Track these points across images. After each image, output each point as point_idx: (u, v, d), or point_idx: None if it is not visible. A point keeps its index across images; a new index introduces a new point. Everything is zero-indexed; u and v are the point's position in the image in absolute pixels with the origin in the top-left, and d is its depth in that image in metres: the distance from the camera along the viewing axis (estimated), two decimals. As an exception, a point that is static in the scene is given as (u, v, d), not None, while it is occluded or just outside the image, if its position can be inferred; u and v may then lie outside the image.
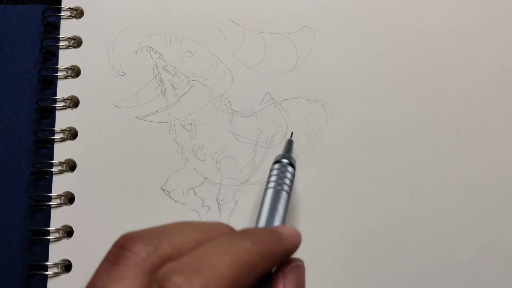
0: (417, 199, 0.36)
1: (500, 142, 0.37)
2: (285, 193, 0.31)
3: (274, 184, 0.31)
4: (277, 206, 0.30)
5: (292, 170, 0.32)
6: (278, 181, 0.31)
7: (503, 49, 0.38)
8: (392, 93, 0.38)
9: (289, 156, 0.33)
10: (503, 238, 0.35)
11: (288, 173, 0.32)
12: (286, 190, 0.31)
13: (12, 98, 0.39)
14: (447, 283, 0.35)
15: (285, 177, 0.31)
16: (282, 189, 0.31)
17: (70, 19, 0.39)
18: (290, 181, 0.32)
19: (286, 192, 0.31)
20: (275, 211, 0.29)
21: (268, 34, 0.39)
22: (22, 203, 0.38)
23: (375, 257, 0.35)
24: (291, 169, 0.32)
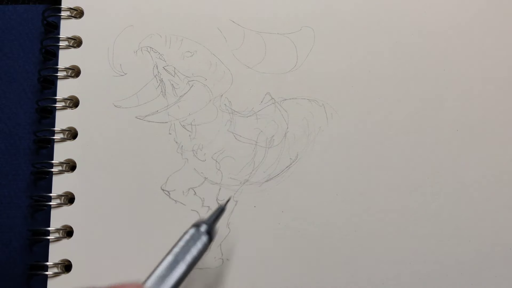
0: (417, 199, 0.36)
1: (500, 142, 0.37)
2: (183, 265, 0.28)
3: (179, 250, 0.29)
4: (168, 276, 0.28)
5: (205, 241, 0.30)
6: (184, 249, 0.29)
7: (503, 49, 0.38)
8: (392, 93, 0.38)
9: (212, 225, 0.31)
10: (503, 238, 0.35)
11: (200, 243, 0.29)
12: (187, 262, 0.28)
13: (12, 98, 0.39)
14: (447, 283, 0.35)
15: (194, 246, 0.29)
16: (181, 260, 0.28)
17: (70, 19, 0.39)
18: (198, 252, 0.29)
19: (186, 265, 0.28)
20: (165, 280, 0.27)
21: (268, 34, 0.39)
22: (22, 203, 0.38)
23: (375, 257, 0.35)
24: (205, 240, 0.30)
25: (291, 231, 0.36)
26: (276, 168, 0.37)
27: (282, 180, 0.37)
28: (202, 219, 0.31)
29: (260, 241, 0.36)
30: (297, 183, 0.36)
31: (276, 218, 0.36)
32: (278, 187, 0.36)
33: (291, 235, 0.36)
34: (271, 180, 0.37)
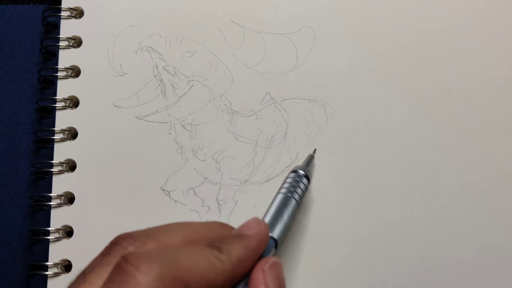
0: (417, 199, 0.36)
1: (500, 142, 0.37)
2: (294, 201, 0.31)
3: (286, 190, 0.32)
4: (282, 212, 0.30)
5: (306, 182, 0.33)
6: (290, 189, 0.32)
7: (503, 49, 0.38)
8: (392, 93, 0.38)
9: (307, 169, 0.33)
10: (503, 238, 0.35)
11: (302, 184, 0.32)
12: (296, 198, 0.31)
13: (12, 98, 0.39)
14: (447, 283, 0.35)
15: (298, 187, 0.32)
16: (292, 197, 0.31)
17: (70, 19, 0.39)
18: (302, 191, 0.32)
19: (296, 201, 0.31)
20: (280, 216, 0.30)
21: (268, 34, 0.39)
22: (22, 203, 0.38)
23: (375, 257, 0.35)
24: (306, 181, 0.33)
25: (291, 231, 0.36)
26: (276, 168, 0.37)
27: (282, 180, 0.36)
28: (297, 166, 0.34)
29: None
30: (297, 183, 0.36)
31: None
32: (278, 187, 0.36)
33: (291, 235, 0.36)
34: (271, 180, 0.37)
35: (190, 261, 0.21)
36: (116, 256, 0.22)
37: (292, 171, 0.33)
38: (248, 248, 0.24)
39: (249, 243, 0.25)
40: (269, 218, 0.30)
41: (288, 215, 0.30)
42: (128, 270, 0.20)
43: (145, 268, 0.20)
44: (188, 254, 0.22)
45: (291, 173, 0.33)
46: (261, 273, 0.24)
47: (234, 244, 0.24)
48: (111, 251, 0.23)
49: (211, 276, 0.22)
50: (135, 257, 0.20)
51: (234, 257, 0.23)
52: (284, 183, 0.32)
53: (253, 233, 0.25)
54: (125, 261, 0.20)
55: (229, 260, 0.23)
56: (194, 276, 0.21)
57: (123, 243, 0.23)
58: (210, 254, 0.22)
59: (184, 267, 0.21)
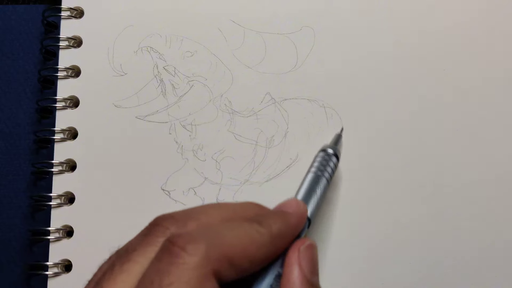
0: (418, 199, 0.36)
1: (500, 142, 0.37)
2: (325, 179, 0.31)
3: (316, 169, 0.32)
4: (315, 189, 0.30)
5: (335, 161, 0.33)
6: (320, 168, 0.32)
7: (504, 49, 0.38)
8: (392, 93, 0.38)
9: (336, 148, 0.34)
10: (503, 238, 0.35)
11: (332, 163, 0.32)
12: (326, 177, 0.31)
13: (12, 98, 0.39)
14: (447, 283, 0.35)
15: (328, 166, 0.32)
16: (322, 176, 0.31)
17: (70, 19, 0.39)
18: (332, 170, 0.32)
19: (326, 179, 0.31)
20: (313, 194, 0.30)
21: (268, 34, 0.39)
22: (22, 203, 0.38)
23: (375, 257, 0.35)
24: (335, 160, 0.33)
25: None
26: (276, 168, 0.37)
27: (283, 180, 0.37)
28: (326, 144, 0.34)
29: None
30: (297, 183, 0.36)
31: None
32: (278, 187, 0.36)
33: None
34: (271, 180, 0.37)
35: (232, 237, 0.22)
36: (159, 237, 0.22)
37: (321, 150, 0.33)
38: (287, 224, 0.25)
39: (289, 220, 0.25)
40: (301, 197, 0.30)
41: (319, 195, 0.30)
42: (175, 251, 0.20)
43: (191, 248, 0.20)
44: (229, 231, 0.22)
45: (320, 152, 0.33)
46: (296, 252, 0.24)
47: (274, 218, 0.24)
48: (153, 231, 0.23)
49: (252, 250, 0.22)
50: (181, 238, 0.21)
51: (274, 231, 0.23)
52: (314, 162, 0.32)
53: (292, 210, 0.26)
54: (171, 243, 0.21)
55: (269, 233, 0.23)
56: (237, 251, 0.21)
57: (164, 223, 0.23)
58: (250, 228, 0.23)
59: (227, 243, 0.21)
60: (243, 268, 0.22)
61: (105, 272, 0.22)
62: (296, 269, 0.24)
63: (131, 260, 0.22)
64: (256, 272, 0.23)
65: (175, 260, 0.20)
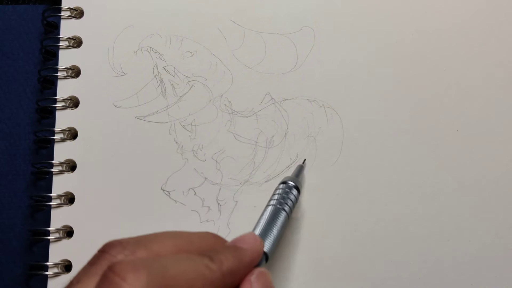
0: (417, 199, 0.36)
1: (500, 142, 0.37)
2: (284, 213, 0.31)
3: (276, 202, 0.31)
4: (274, 223, 0.30)
5: (296, 194, 0.32)
6: (279, 200, 0.31)
7: (503, 49, 0.38)
8: (392, 93, 0.38)
9: (297, 180, 0.33)
10: (503, 238, 0.35)
11: (292, 196, 0.32)
12: (286, 210, 0.31)
13: (12, 98, 0.39)
14: (447, 283, 0.35)
15: (288, 198, 0.31)
16: (282, 209, 0.31)
17: (70, 19, 0.39)
18: (292, 203, 0.32)
19: (286, 213, 0.31)
20: (272, 228, 0.29)
21: (268, 34, 0.39)
22: (22, 203, 0.38)
23: (375, 257, 0.35)
24: (296, 193, 0.32)
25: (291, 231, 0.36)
26: (276, 168, 0.37)
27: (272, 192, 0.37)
28: (286, 177, 0.33)
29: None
30: (297, 183, 0.36)
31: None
32: (278, 187, 0.36)
33: (291, 235, 0.36)
34: (271, 180, 0.37)
35: (178, 270, 0.21)
36: (104, 266, 0.21)
37: (282, 182, 0.33)
38: (241, 261, 0.24)
39: (243, 256, 0.24)
40: (259, 231, 0.29)
41: (278, 229, 0.30)
42: (114, 281, 0.19)
43: (131, 278, 0.19)
44: (176, 262, 0.21)
45: (280, 184, 0.33)
46: (248, 284, 0.24)
47: (227, 255, 0.23)
48: (99, 260, 0.22)
49: (199, 285, 0.21)
50: (122, 267, 0.20)
51: (225, 268, 0.23)
52: (274, 194, 0.32)
53: (248, 246, 0.25)
54: (111, 272, 0.20)
55: (220, 270, 0.22)
56: (180, 285, 0.20)
57: (111, 251, 0.22)
58: (200, 263, 0.22)
59: (172, 276, 0.20)
60: None
61: None
62: None
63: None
64: None
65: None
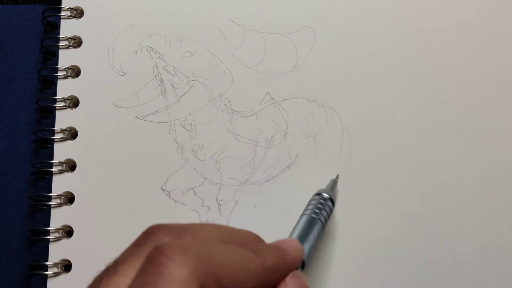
0: (417, 199, 0.36)
1: (500, 142, 0.37)
2: (320, 222, 0.31)
3: (311, 211, 0.31)
4: (311, 232, 0.30)
5: (331, 205, 0.33)
6: (315, 210, 0.32)
7: (503, 49, 0.38)
8: (392, 93, 0.38)
9: (331, 192, 0.33)
10: (503, 238, 0.35)
11: (327, 207, 0.32)
12: (322, 220, 0.31)
13: (12, 98, 0.39)
14: (447, 283, 0.35)
15: (324, 209, 0.32)
16: (318, 218, 0.31)
17: (70, 19, 0.39)
18: (327, 214, 0.32)
19: (321, 223, 0.31)
20: (309, 236, 0.30)
21: (268, 34, 0.39)
22: (22, 203, 0.38)
23: (375, 257, 0.35)
24: (331, 204, 0.33)
25: (291, 231, 0.36)
26: (276, 168, 0.37)
27: (282, 180, 0.37)
28: (321, 189, 0.34)
29: (260, 241, 0.36)
30: (297, 183, 0.36)
31: (276, 218, 0.36)
32: (278, 187, 0.36)
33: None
34: (271, 180, 0.37)
35: (225, 259, 0.21)
36: (150, 247, 0.21)
37: (317, 193, 0.33)
38: (283, 261, 0.24)
39: (286, 257, 0.24)
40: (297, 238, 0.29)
41: (314, 237, 0.30)
42: (162, 261, 0.19)
43: (180, 260, 0.19)
44: (223, 252, 0.21)
45: (315, 195, 0.33)
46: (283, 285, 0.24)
47: (270, 252, 0.23)
48: (145, 242, 0.22)
49: (242, 277, 0.21)
50: (170, 248, 0.19)
51: (268, 264, 0.23)
52: (309, 204, 0.32)
53: (290, 250, 0.25)
54: (159, 252, 0.19)
55: (263, 265, 0.22)
56: (227, 274, 0.20)
57: (158, 233, 0.22)
58: (245, 255, 0.22)
59: (219, 263, 0.20)
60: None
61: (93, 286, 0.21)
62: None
63: (119, 273, 0.21)
64: None
65: (161, 271, 0.19)
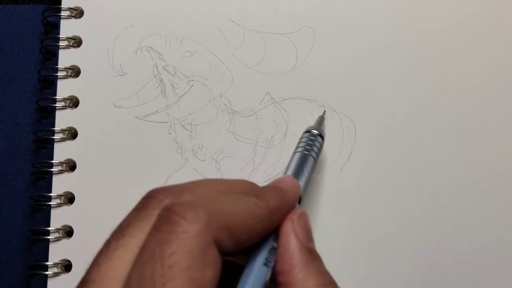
0: (417, 199, 0.36)
1: (500, 142, 0.37)
2: (312, 158, 0.32)
3: (302, 149, 0.32)
4: (305, 168, 0.31)
5: (321, 141, 0.33)
6: (306, 147, 0.32)
7: (503, 49, 0.38)
8: (392, 93, 0.38)
9: (320, 128, 0.34)
10: (503, 238, 0.35)
11: (317, 142, 0.33)
12: (313, 156, 0.32)
13: (12, 98, 0.39)
14: (447, 283, 0.35)
15: (314, 145, 0.32)
16: (309, 154, 0.32)
17: (70, 19, 0.39)
18: (318, 149, 0.33)
19: (313, 158, 0.32)
20: (303, 172, 0.30)
21: (268, 34, 0.39)
22: (22, 203, 0.38)
23: (375, 257, 0.35)
24: (320, 140, 0.33)
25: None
26: (276, 168, 0.37)
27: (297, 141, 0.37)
28: (310, 126, 0.34)
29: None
30: (297, 183, 0.36)
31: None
32: (278, 187, 0.36)
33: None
34: (271, 179, 0.37)
35: (233, 209, 0.22)
36: (154, 209, 0.22)
37: (306, 131, 0.34)
38: (284, 199, 0.25)
39: (285, 195, 0.25)
40: (292, 175, 0.30)
41: (308, 172, 0.31)
42: (175, 220, 0.20)
43: (192, 216, 0.20)
44: (228, 202, 0.22)
45: (305, 133, 0.34)
46: (290, 222, 0.24)
47: (271, 193, 0.24)
48: (147, 205, 0.22)
49: (251, 222, 0.22)
50: (180, 206, 0.20)
51: (271, 205, 0.23)
52: (300, 142, 0.33)
53: (287, 187, 0.26)
54: (169, 211, 0.20)
55: (267, 207, 0.23)
56: (237, 222, 0.21)
57: (159, 196, 0.22)
58: (249, 201, 0.23)
59: (227, 213, 0.21)
60: (241, 240, 0.22)
61: (101, 251, 0.21)
62: (293, 237, 0.24)
63: (127, 235, 0.21)
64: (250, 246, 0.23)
65: (175, 229, 0.19)
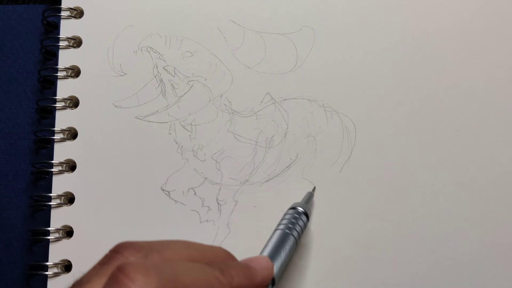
0: (417, 199, 0.36)
1: (500, 142, 0.37)
2: (293, 238, 0.31)
3: (284, 226, 0.31)
4: (283, 248, 0.30)
5: (305, 220, 0.33)
6: (288, 225, 0.31)
7: (503, 49, 0.38)
8: (392, 93, 0.38)
9: (306, 206, 0.33)
10: (503, 238, 0.35)
11: (301, 221, 0.32)
12: (295, 236, 0.31)
13: (12, 98, 0.39)
14: (447, 283, 0.35)
15: (297, 224, 0.31)
16: (291, 233, 0.31)
17: (70, 19, 0.39)
18: (301, 229, 0.32)
19: (294, 238, 0.31)
20: (280, 252, 0.29)
21: (268, 34, 0.39)
22: (22, 203, 0.38)
23: (376, 257, 0.35)
24: (305, 218, 0.33)
25: (291, 231, 0.36)
26: (276, 168, 0.37)
27: (282, 180, 0.37)
28: (296, 203, 0.33)
29: (260, 241, 0.36)
30: (297, 183, 0.36)
31: (276, 218, 0.36)
32: (278, 187, 0.37)
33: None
34: (271, 180, 0.37)
35: (189, 278, 0.20)
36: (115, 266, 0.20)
37: (291, 207, 0.33)
38: (251, 280, 0.24)
39: (254, 276, 0.24)
40: (268, 254, 0.29)
41: (286, 253, 0.30)
42: (123, 281, 0.19)
43: (141, 280, 0.19)
44: (188, 270, 0.21)
45: (289, 209, 0.33)
46: None
47: (238, 271, 0.23)
48: (111, 260, 0.21)
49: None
50: (132, 268, 0.19)
51: (235, 282, 0.22)
52: (283, 219, 0.32)
53: (259, 268, 0.25)
54: (120, 272, 0.19)
55: (229, 284, 0.22)
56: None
57: (124, 252, 0.22)
58: (211, 274, 0.22)
59: (182, 282, 0.20)
60: None
61: None
62: None
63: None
64: None
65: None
